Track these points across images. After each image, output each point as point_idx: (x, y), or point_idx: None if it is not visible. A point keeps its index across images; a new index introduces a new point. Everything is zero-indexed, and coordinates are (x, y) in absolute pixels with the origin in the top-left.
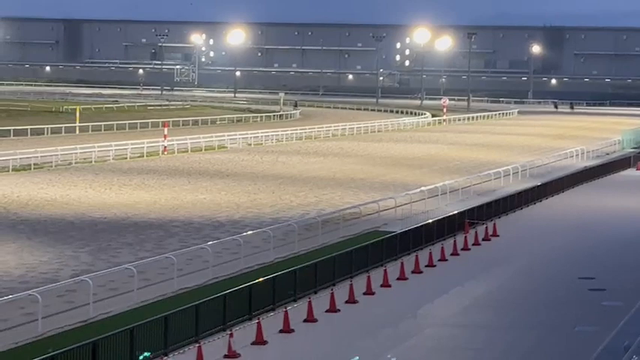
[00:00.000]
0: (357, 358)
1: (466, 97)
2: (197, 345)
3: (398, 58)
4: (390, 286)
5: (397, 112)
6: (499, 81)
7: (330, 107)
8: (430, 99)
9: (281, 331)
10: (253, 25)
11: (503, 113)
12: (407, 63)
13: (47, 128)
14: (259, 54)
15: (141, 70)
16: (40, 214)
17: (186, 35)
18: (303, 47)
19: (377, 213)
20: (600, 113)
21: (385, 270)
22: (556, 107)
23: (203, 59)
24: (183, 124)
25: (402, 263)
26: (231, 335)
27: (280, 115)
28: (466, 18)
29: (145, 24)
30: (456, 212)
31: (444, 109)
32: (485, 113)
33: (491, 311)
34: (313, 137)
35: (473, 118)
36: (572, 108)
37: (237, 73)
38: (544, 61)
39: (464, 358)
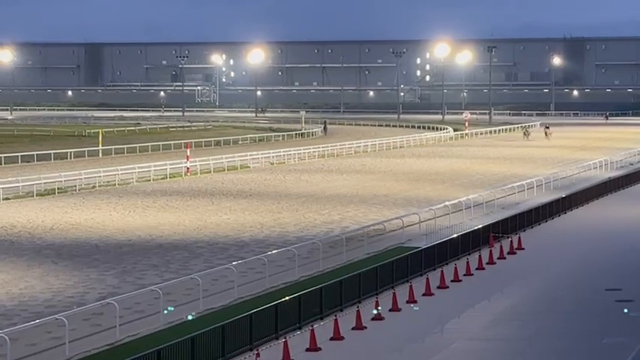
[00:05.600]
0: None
1: (487, 111)
2: None
3: (418, 73)
4: (416, 301)
5: (419, 127)
6: (520, 93)
7: (351, 124)
8: (452, 113)
9: (308, 350)
10: (273, 44)
11: (525, 126)
12: (427, 78)
13: (70, 152)
14: (280, 73)
15: (162, 92)
16: (65, 238)
17: (207, 56)
18: (324, 65)
19: (401, 229)
20: (623, 124)
21: (411, 286)
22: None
23: (224, 79)
24: (205, 145)
25: (427, 279)
26: (257, 355)
27: (302, 134)
28: (486, 31)
29: (165, 46)
30: (480, 226)
31: (466, 123)
32: (508, 126)
33: (519, 324)
34: (335, 155)
35: (495, 131)
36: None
37: (258, 93)
38: (565, 72)
39: None
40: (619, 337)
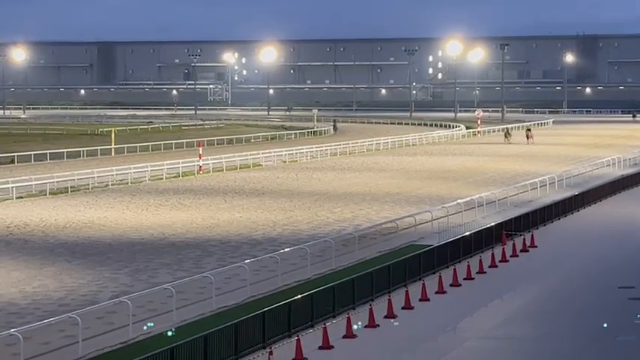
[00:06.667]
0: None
1: (500, 109)
2: None
3: (431, 71)
4: (428, 299)
5: (431, 125)
6: (533, 91)
7: (363, 122)
8: (464, 111)
9: (320, 348)
10: (285, 42)
11: (538, 123)
12: (440, 76)
13: (83, 151)
14: (292, 71)
15: (174, 91)
16: (78, 237)
17: (219, 54)
18: (336, 63)
19: (414, 227)
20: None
21: (423, 284)
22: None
23: (236, 78)
24: (217, 143)
25: (440, 277)
26: (270, 353)
27: (314, 132)
28: (499, 29)
29: (177, 44)
30: (493, 224)
31: (479, 121)
32: (520, 124)
33: (531, 323)
34: (348, 153)
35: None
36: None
37: (270, 91)
38: (578, 70)
39: None
40: (633, 336)
